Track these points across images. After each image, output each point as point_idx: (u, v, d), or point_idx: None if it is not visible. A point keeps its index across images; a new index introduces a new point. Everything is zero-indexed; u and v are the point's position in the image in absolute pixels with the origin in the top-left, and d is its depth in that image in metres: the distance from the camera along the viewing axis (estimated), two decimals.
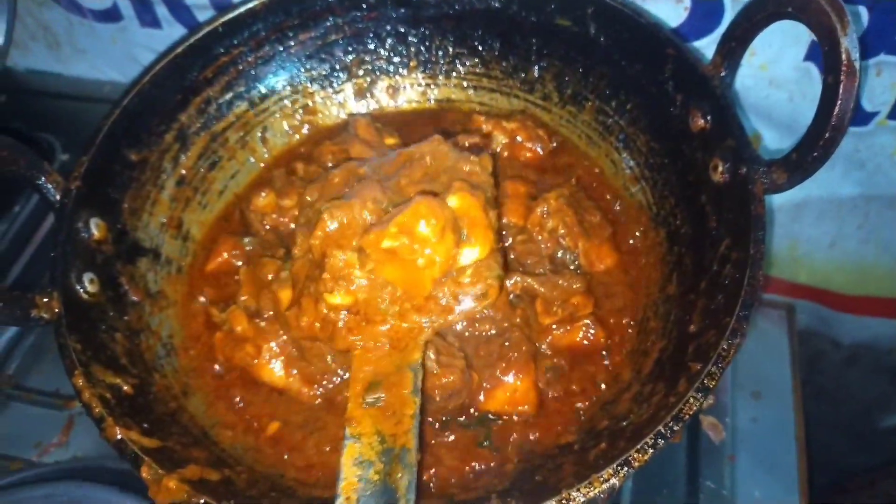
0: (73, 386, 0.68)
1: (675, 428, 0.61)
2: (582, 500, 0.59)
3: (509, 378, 0.76)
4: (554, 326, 0.79)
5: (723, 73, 0.79)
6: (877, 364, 1.24)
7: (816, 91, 0.66)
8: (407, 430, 0.63)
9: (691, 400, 0.63)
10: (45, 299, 0.72)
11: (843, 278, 1.12)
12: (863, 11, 0.85)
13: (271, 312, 0.79)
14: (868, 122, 0.94)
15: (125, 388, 0.73)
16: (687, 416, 0.62)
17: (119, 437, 0.65)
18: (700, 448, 0.91)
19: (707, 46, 0.94)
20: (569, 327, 0.79)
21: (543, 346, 0.79)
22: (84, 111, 0.83)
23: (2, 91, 1.19)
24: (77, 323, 0.73)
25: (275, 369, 0.78)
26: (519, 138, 0.96)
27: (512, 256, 0.83)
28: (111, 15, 1.15)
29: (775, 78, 0.93)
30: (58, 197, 0.78)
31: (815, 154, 0.67)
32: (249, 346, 0.78)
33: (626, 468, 0.60)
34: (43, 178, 0.78)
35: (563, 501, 0.59)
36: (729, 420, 0.94)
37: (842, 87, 0.64)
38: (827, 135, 0.66)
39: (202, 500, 0.62)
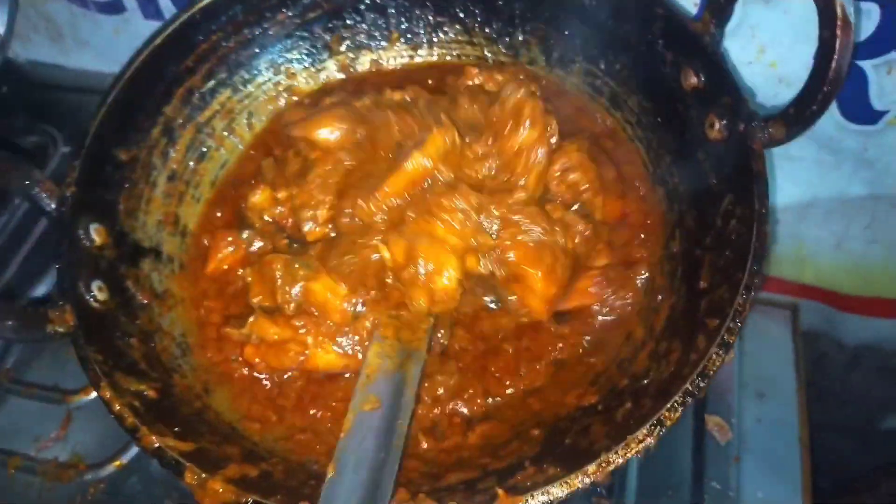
0: (102, 399, 0.67)
1: (702, 384, 0.64)
2: (620, 462, 0.62)
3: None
4: None
5: (713, 31, 0.80)
6: (881, 365, 1.22)
7: None
8: (420, 338, 0.78)
9: (714, 356, 0.65)
10: (58, 313, 0.71)
11: (850, 279, 1.11)
12: (874, 9, 0.82)
13: (292, 305, 0.79)
14: (877, 120, 0.91)
15: (149, 392, 0.72)
16: (712, 372, 0.64)
17: (156, 444, 0.65)
18: (706, 449, 0.91)
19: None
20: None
21: None
22: (86, 103, 0.80)
23: (3, 83, 1.15)
24: (93, 333, 0.72)
25: (329, 353, 0.79)
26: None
27: None
28: (114, 6, 1.12)
29: (785, 76, 0.91)
30: (53, 206, 0.76)
31: (814, 108, 0.69)
32: (292, 345, 0.78)
33: (659, 427, 0.63)
34: (37, 189, 0.76)
35: (604, 464, 0.62)
36: (735, 420, 0.94)
37: (838, 41, 0.65)
38: (825, 88, 0.67)
39: (251, 500, 0.62)
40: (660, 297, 0.81)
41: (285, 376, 0.81)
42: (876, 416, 1.32)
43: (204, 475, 0.64)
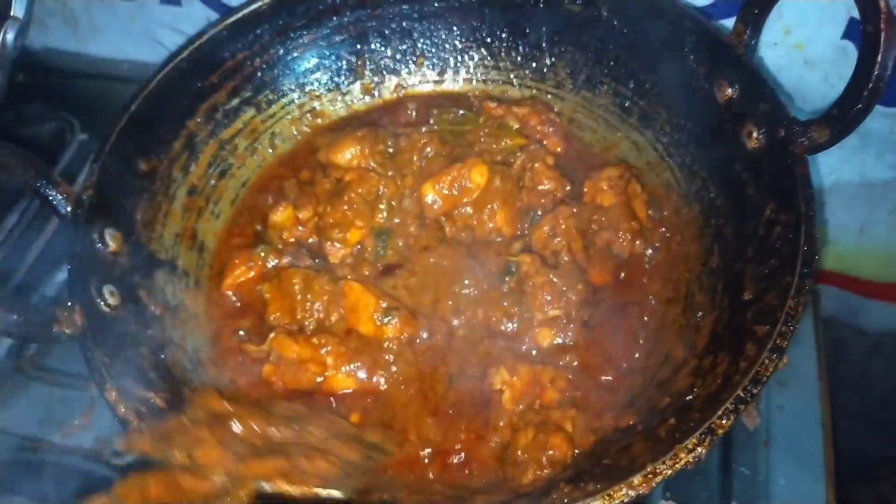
0: (106, 400, 0.63)
1: (755, 391, 0.59)
2: (668, 472, 0.56)
3: None
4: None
5: (745, 41, 0.78)
6: None
7: (851, 71, 0.65)
8: None
9: (766, 361, 0.60)
10: (66, 313, 0.67)
11: (872, 265, 1.10)
12: None
13: (312, 321, 0.76)
14: None
15: (157, 401, 0.68)
16: (765, 378, 0.60)
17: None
18: (734, 434, 0.88)
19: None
20: None
21: None
22: (103, 90, 0.79)
23: (20, 70, 1.14)
24: (102, 337, 0.68)
25: (346, 375, 0.76)
26: (531, 123, 0.94)
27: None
28: None
29: (811, 58, 0.90)
30: (69, 208, 0.74)
31: (859, 106, 0.66)
32: (311, 365, 0.74)
33: (710, 436, 0.58)
34: (53, 190, 0.74)
35: (649, 476, 0.56)
36: (761, 406, 0.91)
37: (883, 35, 0.63)
38: (871, 85, 0.65)
39: None
40: (700, 314, 0.77)
41: None
42: None
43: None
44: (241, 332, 0.82)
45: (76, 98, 1.17)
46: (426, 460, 0.73)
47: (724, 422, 0.58)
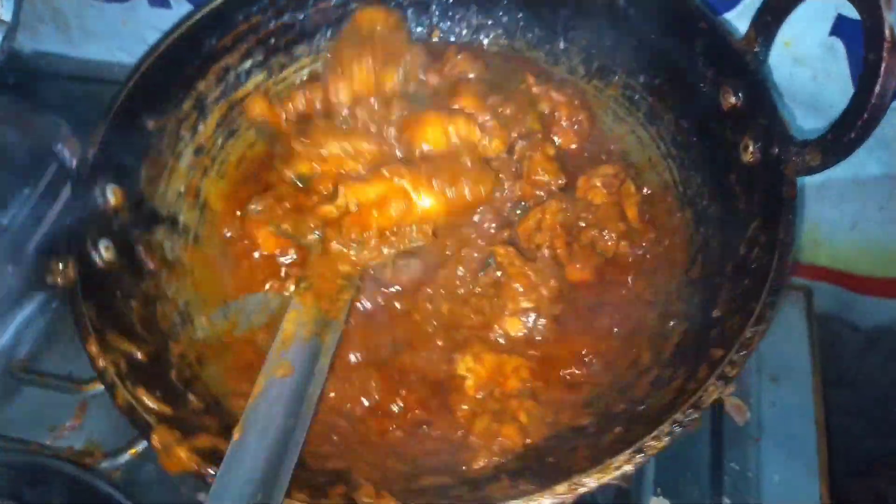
0: (87, 352, 0.68)
1: (694, 416, 0.60)
2: (594, 485, 0.58)
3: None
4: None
5: (756, 49, 0.76)
6: None
7: (842, 69, 0.64)
8: (339, 308, 0.78)
9: (711, 388, 0.61)
10: (60, 265, 0.72)
11: (865, 260, 1.10)
12: None
13: None
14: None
15: (139, 355, 0.72)
16: (705, 405, 0.60)
17: (129, 403, 0.65)
18: (724, 430, 0.91)
19: (735, 18, 0.90)
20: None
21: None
22: (93, 93, 0.81)
23: (9, 73, 1.18)
24: (92, 290, 0.72)
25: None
26: (558, 113, 0.92)
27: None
28: None
29: (799, 55, 0.88)
30: (74, 163, 0.78)
31: (853, 135, 0.65)
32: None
33: (640, 455, 0.59)
34: (60, 144, 0.77)
35: (574, 486, 0.58)
36: (753, 401, 0.93)
37: (884, 64, 0.61)
38: (866, 115, 0.63)
39: (213, 471, 0.61)
40: (672, 322, 0.77)
41: None
42: (891, 400, 1.28)
43: (171, 440, 0.63)
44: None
45: (66, 101, 1.15)
46: (392, 426, 0.76)
47: (657, 443, 0.59)
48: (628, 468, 0.58)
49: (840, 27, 0.84)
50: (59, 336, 1.00)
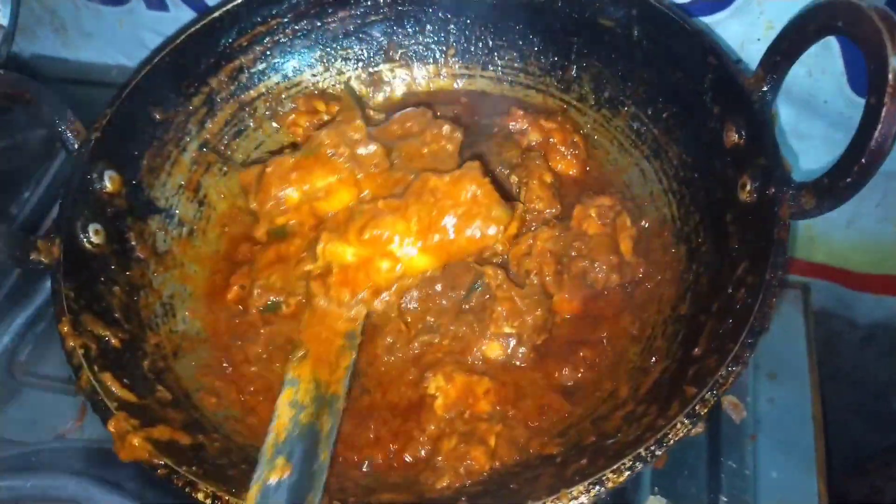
0: (59, 332, 0.68)
1: (657, 452, 0.58)
2: None
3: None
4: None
5: (764, 88, 0.74)
6: (893, 345, 1.20)
7: (835, 65, 0.62)
8: (339, 379, 0.71)
9: (678, 425, 0.59)
10: (47, 244, 0.73)
11: (861, 257, 1.09)
12: None
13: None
14: None
15: (113, 341, 0.73)
16: (671, 442, 0.58)
17: (92, 386, 0.65)
18: (721, 428, 0.90)
19: (718, 23, 0.90)
20: None
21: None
22: (91, 96, 0.82)
23: None
24: (75, 271, 0.73)
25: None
26: (553, 140, 0.92)
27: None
28: None
29: None
30: (76, 145, 0.79)
31: (849, 180, 0.63)
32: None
33: (598, 487, 0.57)
34: (64, 126, 0.79)
35: None
36: (750, 399, 0.92)
37: (885, 109, 0.59)
38: (863, 160, 0.61)
39: (163, 462, 0.61)
40: (654, 358, 0.75)
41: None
42: (888, 396, 1.29)
43: (128, 427, 0.63)
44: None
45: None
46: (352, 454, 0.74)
47: (617, 477, 0.57)
48: (584, 500, 0.56)
49: None
50: (59, 339, 0.99)
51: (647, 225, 0.86)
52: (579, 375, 0.77)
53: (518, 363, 0.77)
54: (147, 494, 0.79)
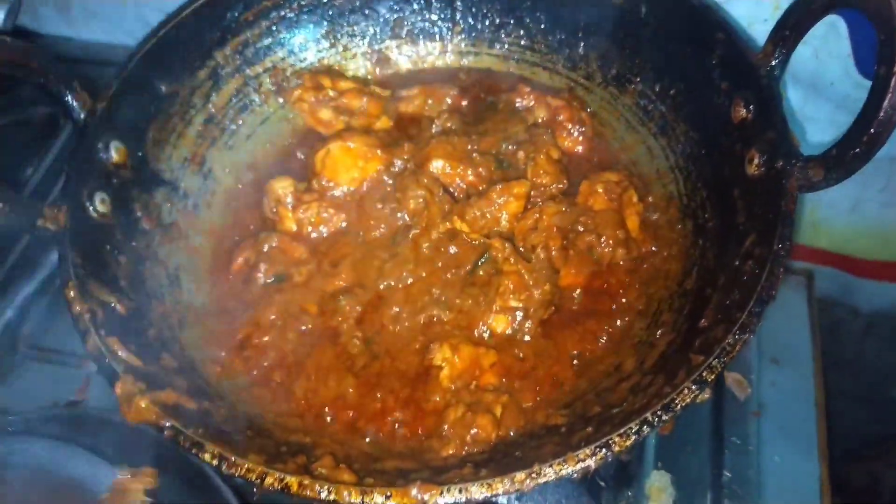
0: (65, 297, 0.68)
1: (664, 417, 0.58)
2: (552, 476, 0.56)
3: None
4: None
5: (772, 63, 0.74)
6: (895, 333, 1.21)
7: (842, 47, 0.62)
8: None
9: (686, 391, 0.59)
10: (54, 211, 0.72)
11: (865, 243, 1.09)
12: None
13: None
14: None
15: (119, 308, 0.72)
16: (678, 407, 0.58)
17: (100, 348, 0.65)
18: (725, 404, 0.90)
19: (725, 3, 0.88)
20: None
21: None
22: (95, 75, 0.82)
23: None
24: (81, 238, 0.73)
25: None
26: (560, 117, 0.92)
27: None
28: None
29: None
30: (82, 115, 0.79)
31: (857, 151, 0.63)
32: None
33: (604, 450, 0.57)
34: (70, 96, 0.78)
35: (534, 476, 0.56)
36: (754, 382, 0.92)
37: (894, 80, 0.59)
38: (872, 130, 0.61)
39: (169, 424, 0.61)
40: (660, 332, 0.75)
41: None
42: (889, 384, 1.28)
43: (134, 390, 0.62)
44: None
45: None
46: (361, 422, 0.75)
47: (624, 441, 0.57)
48: (590, 462, 0.56)
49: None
50: (63, 312, 0.98)
51: (653, 201, 0.86)
52: (586, 350, 0.77)
53: (524, 337, 0.77)
54: (126, 459, 0.77)
